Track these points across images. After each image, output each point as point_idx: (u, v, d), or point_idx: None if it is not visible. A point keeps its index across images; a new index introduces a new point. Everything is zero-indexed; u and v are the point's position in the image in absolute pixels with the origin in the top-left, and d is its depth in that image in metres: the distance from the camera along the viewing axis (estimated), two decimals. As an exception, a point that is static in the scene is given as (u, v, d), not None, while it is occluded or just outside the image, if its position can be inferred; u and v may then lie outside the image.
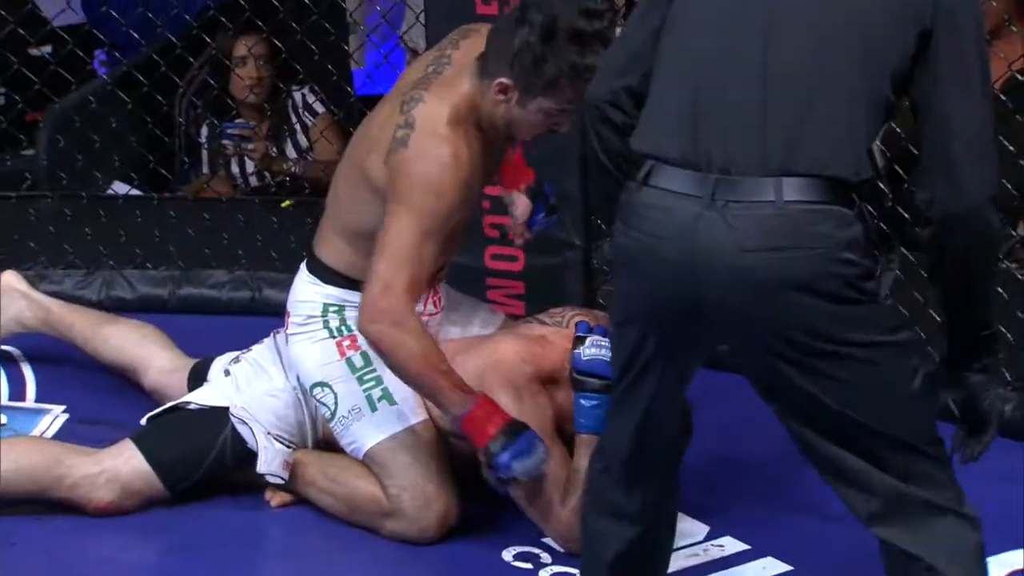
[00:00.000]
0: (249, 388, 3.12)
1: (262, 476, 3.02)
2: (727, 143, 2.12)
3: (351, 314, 2.93)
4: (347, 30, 5.11)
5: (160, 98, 4.56)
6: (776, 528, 2.99)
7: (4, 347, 3.77)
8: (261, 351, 3.21)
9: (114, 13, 4.80)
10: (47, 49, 4.85)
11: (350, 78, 5.20)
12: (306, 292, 3.03)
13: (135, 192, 4.74)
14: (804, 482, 3.13)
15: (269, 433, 3.07)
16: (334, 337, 2.99)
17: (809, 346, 2.11)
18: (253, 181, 4.82)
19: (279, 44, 4.55)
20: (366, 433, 2.95)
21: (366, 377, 2.96)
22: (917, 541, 2.18)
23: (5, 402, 3.56)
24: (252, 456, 3.01)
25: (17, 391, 3.62)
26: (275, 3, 4.51)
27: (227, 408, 3.08)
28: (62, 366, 3.67)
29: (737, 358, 2.23)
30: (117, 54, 5.00)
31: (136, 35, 4.70)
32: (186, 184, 4.86)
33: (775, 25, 2.14)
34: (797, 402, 2.18)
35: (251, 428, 3.05)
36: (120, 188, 4.76)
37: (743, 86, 2.13)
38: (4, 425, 3.41)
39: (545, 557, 2.87)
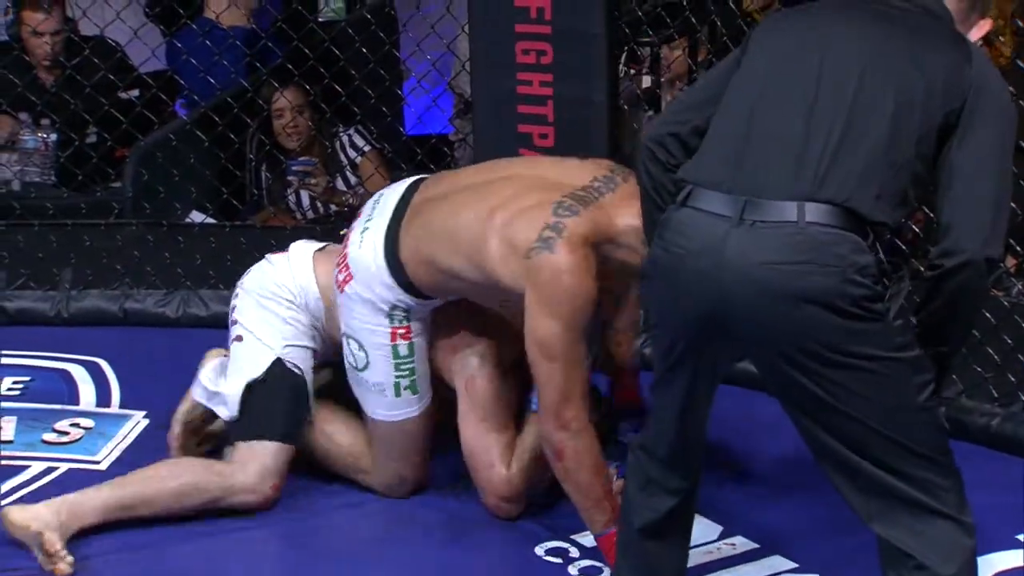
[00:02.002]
0: (275, 325, 3.10)
1: None
2: (764, 171, 2.16)
3: (411, 316, 2.91)
4: (400, 76, 5.15)
5: (232, 137, 4.58)
6: (784, 528, 2.96)
7: (92, 358, 3.79)
8: (244, 300, 3.17)
9: (193, 61, 4.81)
10: (134, 93, 4.84)
11: (402, 119, 5.24)
12: (382, 282, 2.89)
13: (210, 220, 4.78)
14: (812, 484, 3.04)
15: (313, 367, 3.10)
16: (391, 324, 2.92)
17: (821, 356, 2.12)
18: (310, 213, 4.88)
19: (312, 92, 4.60)
20: (379, 407, 2.98)
21: (403, 367, 2.95)
22: (912, 541, 2.18)
23: (93, 408, 3.56)
24: None
25: (104, 398, 3.60)
26: (336, 53, 4.55)
27: (278, 359, 3.07)
28: (143, 375, 3.68)
29: (757, 365, 2.25)
30: (195, 97, 5.03)
31: (212, 81, 4.74)
32: (254, 214, 4.89)
33: (826, 73, 2.19)
34: (811, 408, 2.18)
35: (301, 375, 3.08)
36: (196, 217, 4.79)
37: (790, 122, 2.18)
38: (92, 429, 3.42)
39: (574, 552, 2.84)
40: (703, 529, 2.93)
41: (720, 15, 4.19)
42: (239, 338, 3.13)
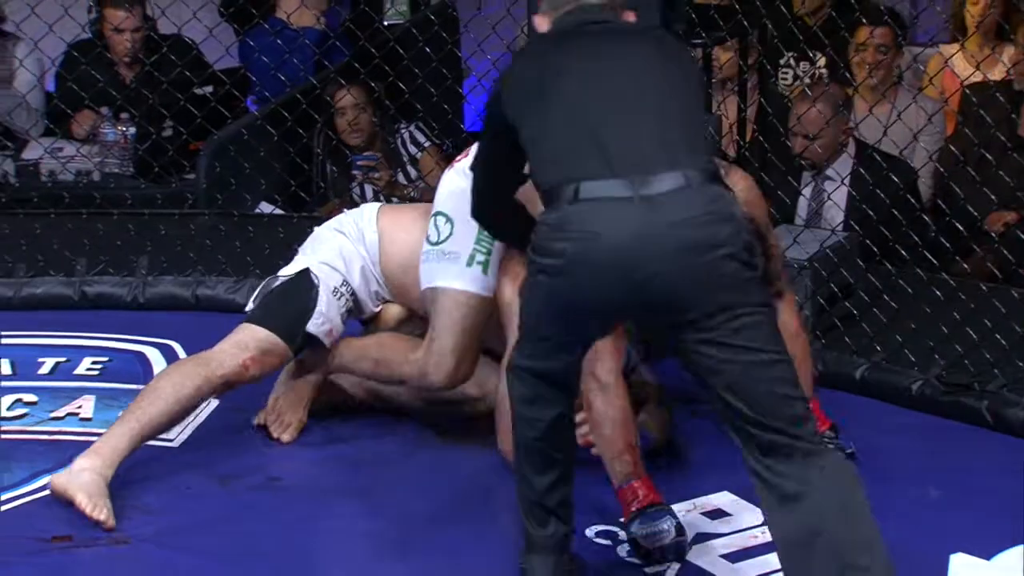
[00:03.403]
0: (322, 248, 3.21)
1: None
2: (637, 154, 2.34)
3: None
4: (461, 75, 5.13)
5: (301, 132, 4.58)
6: None
7: (166, 341, 3.79)
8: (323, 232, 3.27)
9: (265, 59, 4.82)
10: (208, 89, 4.85)
11: (462, 116, 5.22)
12: None
13: (278, 211, 4.78)
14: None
15: (336, 290, 3.15)
16: None
17: (727, 306, 2.29)
18: (374, 203, 4.88)
19: (375, 90, 4.59)
20: (448, 275, 2.98)
21: (483, 238, 2.95)
22: (797, 473, 2.31)
23: None
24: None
25: None
26: (400, 52, 4.54)
27: (307, 269, 3.17)
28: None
29: (671, 329, 2.37)
30: (266, 94, 5.03)
31: (282, 78, 4.75)
32: (320, 206, 4.88)
33: (623, 71, 2.45)
34: (712, 359, 2.31)
35: (319, 287, 3.13)
36: (266, 208, 4.79)
37: (630, 119, 2.39)
38: None
39: (622, 535, 2.81)
40: (748, 514, 2.92)
41: (771, 18, 4.16)
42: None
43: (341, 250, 3.23)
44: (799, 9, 4.95)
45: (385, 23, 4.96)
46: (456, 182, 2.99)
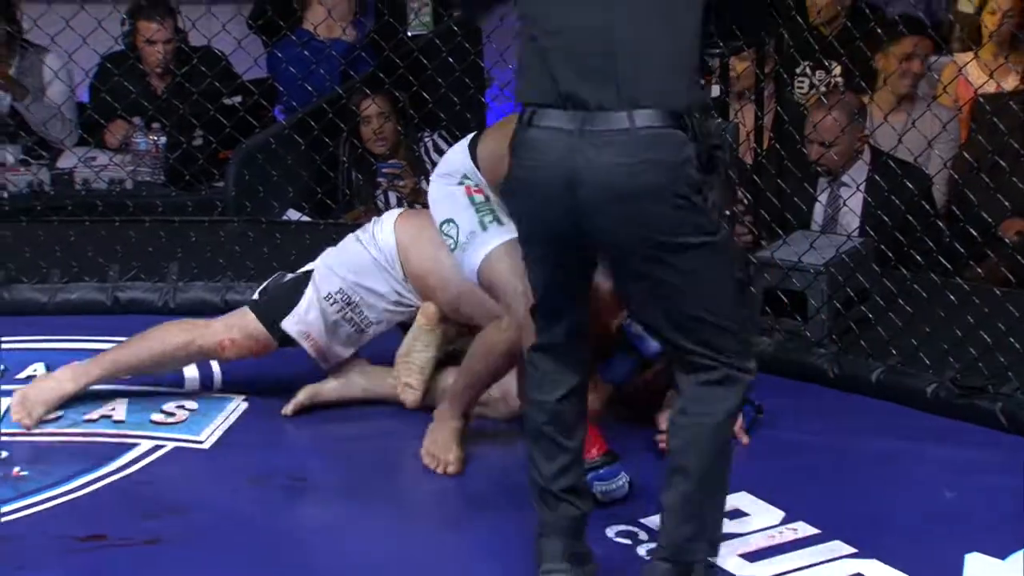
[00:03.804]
0: (335, 253, 3.34)
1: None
2: (588, 87, 2.35)
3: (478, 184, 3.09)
4: (484, 85, 5.14)
5: (327, 141, 4.59)
6: (845, 514, 2.93)
7: None
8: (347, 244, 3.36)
9: (292, 70, 4.81)
10: (237, 99, 4.83)
11: (485, 124, 5.22)
12: (456, 158, 3.15)
13: (305, 218, 4.79)
14: (869, 472, 3.12)
15: (331, 295, 3.27)
16: (462, 184, 3.10)
17: (659, 242, 2.35)
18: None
19: (400, 99, 4.60)
20: (478, 249, 3.04)
21: (482, 208, 3.07)
22: (699, 399, 2.45)
23: (197, 391, 3.56)
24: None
25: (207, 382, 3.61)
26: (424, 62, 4.55)
27: (311, 271, 3.32)
28: (243, 362, 3.55)
29: (610, 262, 2.46)
30: (293, 104, 5.05)
31: (309, 88, 4.76)
32: (346, 213, 4.89)
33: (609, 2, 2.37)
34: (650, 291, 2.41)
35: (309, 289, 3.27)
36: (293, 215, 4.81)
37: (592, 47, 2.36)
38: (196, 410, 3.43)
39: (643, 535, 2.82)
40: (766, 514, 2.93)
41: (787, 28, 4.16)
42: None
43: (352, 257, 3.31)
44: (815, 19, 4.93)
45: (409, 34, 4.97)
46: (438, 190, 3.14)
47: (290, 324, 3.29)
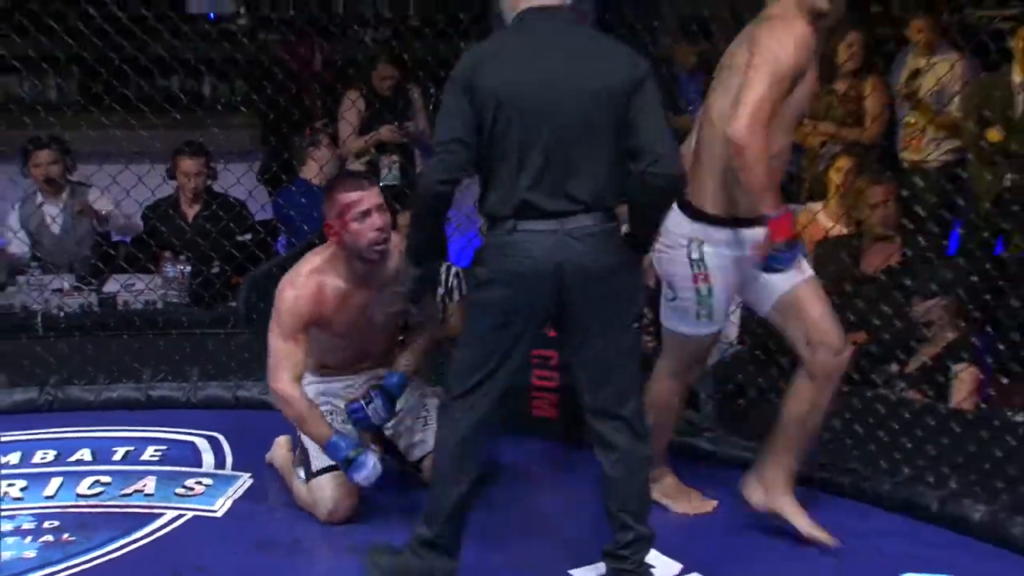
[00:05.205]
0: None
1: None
2: (563, 197, 2.47)
3: (708, 249, 2.84)
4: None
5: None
6: (737, 564, 2.89)
7: (212, 433, 3.76)
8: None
9: (292, 213, 4.85)
10: (247, 236, 4.86)
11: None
12: (678, 224, 2.85)
13: (302, 334, 4.79)
14: (762, 528, 3.04)
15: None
16: (692, 271, 2.87)
17: (612, 300, 2.54)
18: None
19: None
20: (677, 325, 2.96)
21: (703, 304, 2.90)
22: (618, 434, 2.59)
23: (212, 470, 3.54)
24: None
25: (220, 463, 3.59)
26: (396, 207, 4.57)
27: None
28: (250, 446, 3.62)
29: (570, 322, 2.56)
30: (292, 240, 5.03)
31: (306, 228, 4.78)
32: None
33: (558, 128, 2.46)
34: (588, 341, 2.55)
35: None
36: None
37: (559, 155, 2.46)
38: (211, 485, 3.39)
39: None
40: (663, 568, 2.85)
41: None
42: None
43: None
44: None
45: (381, 184, 5.03)
46: (673, 269, 2.92)
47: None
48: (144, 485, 3.40)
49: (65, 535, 3.08)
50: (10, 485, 3.35)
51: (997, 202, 4.38)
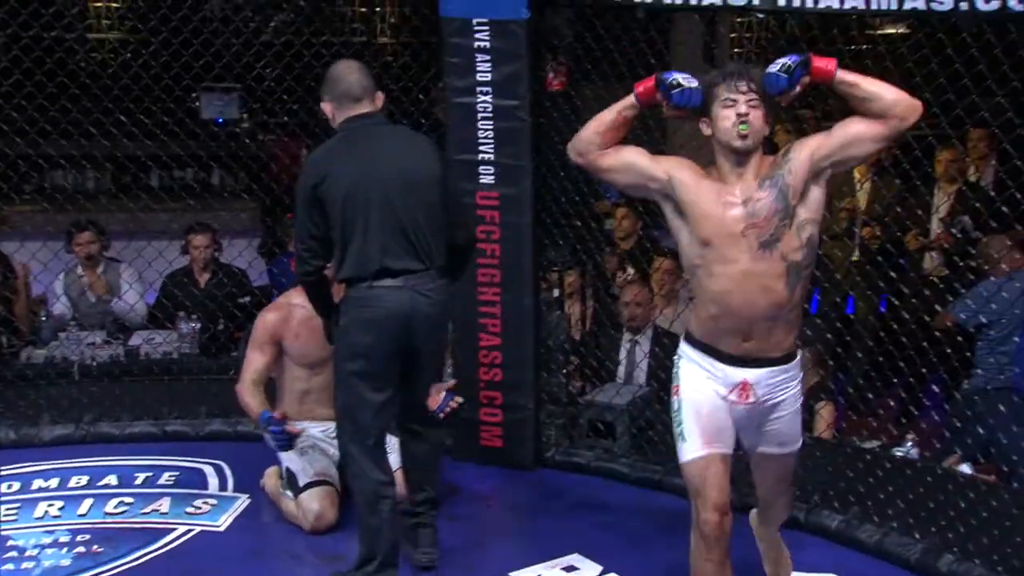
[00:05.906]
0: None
1: None
2: (407, 259, 2.69)
3: (681, 364, 2.48)
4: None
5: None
6: (656, 569, 2.92)
7: (216, 461, 3.79)
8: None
9: (283, 280, 4.88)
10: (247, 299, 4.86)
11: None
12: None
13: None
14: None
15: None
16: (671, 382, 2.54)
17: (441, 342, 2.87)
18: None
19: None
20: (679, 450, 2.50)
21: (676, 418, 2.48)
22: (421, 432, 2.91)
23: (217, 492, 3.60)
24: None
25: (223, 486, 3.64)
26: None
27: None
28: (249, 472, 3.65)
29: (412, 362, 2.75)
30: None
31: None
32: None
33: (395, 209, 2.69)
34: (418, 373, 2.79)
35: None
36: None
37: (395, 233, 2.68)
38: (216, 505, 3.45)
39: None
40: (592, 572, 2.95)
41: (600, 252, 4.13)
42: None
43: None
44: (618, 239, 4.85)
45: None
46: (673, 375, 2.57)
47: None
48: (160, 505, 3.48)
49: (95, 547, 3.18)
50: (50, 505, 3.45)
51: (847, 273, 4.58)
